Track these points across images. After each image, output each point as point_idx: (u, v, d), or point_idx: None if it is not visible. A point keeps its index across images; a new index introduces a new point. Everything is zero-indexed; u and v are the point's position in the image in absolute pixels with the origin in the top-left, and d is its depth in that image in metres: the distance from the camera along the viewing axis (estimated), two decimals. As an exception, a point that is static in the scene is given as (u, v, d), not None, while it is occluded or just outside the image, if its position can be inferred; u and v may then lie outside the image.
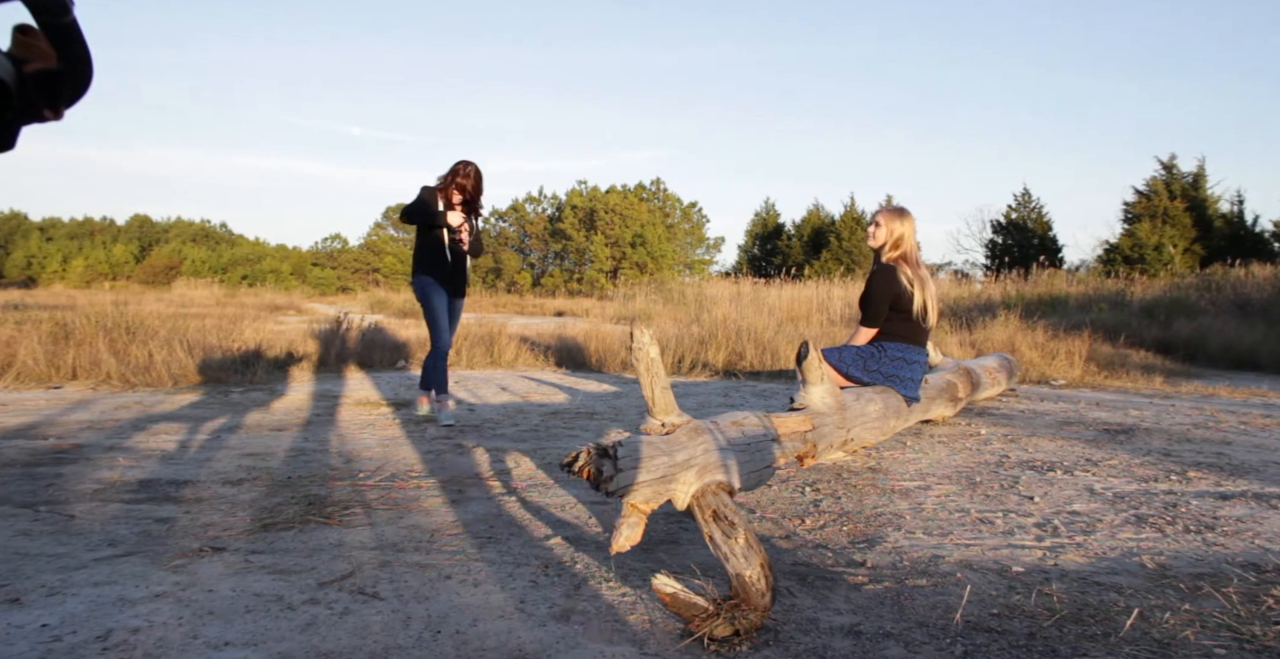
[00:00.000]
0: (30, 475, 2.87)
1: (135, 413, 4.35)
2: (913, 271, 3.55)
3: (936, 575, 1.96)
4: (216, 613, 1.67)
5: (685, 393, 5.56)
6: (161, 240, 48.58)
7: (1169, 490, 2.88)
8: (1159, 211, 20.01)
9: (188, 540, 2.16)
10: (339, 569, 1.94)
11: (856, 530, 2.35)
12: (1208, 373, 7.68)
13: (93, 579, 1.85)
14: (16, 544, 2.11)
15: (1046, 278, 15.12)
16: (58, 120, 0.75)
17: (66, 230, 48.11)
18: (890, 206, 3.61)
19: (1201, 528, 2.39)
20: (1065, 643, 1.57)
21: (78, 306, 10.44)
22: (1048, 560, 2.10)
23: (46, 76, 0.72)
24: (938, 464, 3.32)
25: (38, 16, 0.70)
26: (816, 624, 1.66)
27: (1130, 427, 4.32)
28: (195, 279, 32.02)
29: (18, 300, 15.08)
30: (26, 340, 5.98)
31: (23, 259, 43.50)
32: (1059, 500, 2.72)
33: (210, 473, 2.97)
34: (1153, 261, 18.51)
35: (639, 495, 1.70)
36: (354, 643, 1.54)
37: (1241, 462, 3.39)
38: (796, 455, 2.60)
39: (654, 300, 15.87)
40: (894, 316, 3.55)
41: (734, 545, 1.64)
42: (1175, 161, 21.00)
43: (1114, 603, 1.79)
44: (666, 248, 31.75)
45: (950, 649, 1.54)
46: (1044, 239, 23.42)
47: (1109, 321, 9.90)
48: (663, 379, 1.85)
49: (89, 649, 1.49)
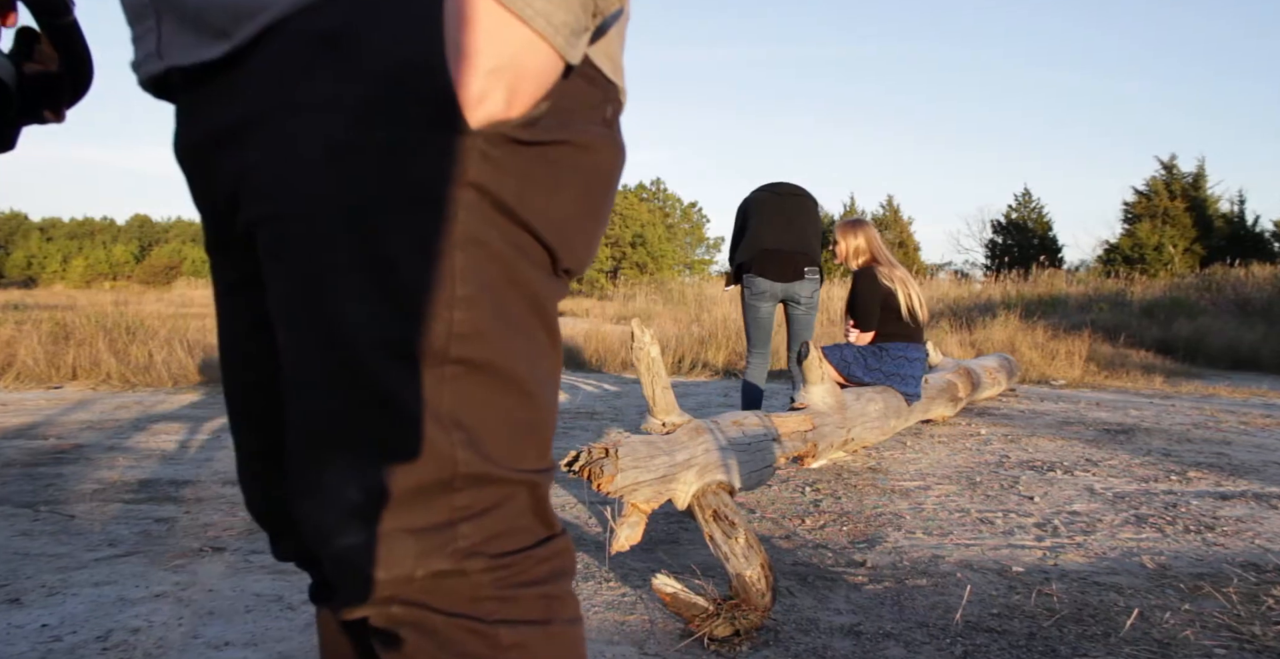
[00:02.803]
0: (30, 475, 2.87)
1: (135, 413, 4.35)
2: (889, 270, 3.60)
3: (936, 575, 1.96)
4: (216, 613, 1.67)
5: (685, 393, 5.56)
6: (161, 240, 48.60)
7: (1169, 490, 2.88)
8: (1159, 211, 20.02)
9: (188, 540, 2.16)
10: (339, 569, 1.94)
11: (856, 530, 2.35)
12: (1208, 373, 7.68)
13: (93, 579, 1.85)
14: (16, 544, 2.11)
15: (1046, 278, 15.11)
16: (58, 122, 0.75)
17: (66, 230, 48.14)
18: (844, 220, 3.79)
19: (1201, 528, 2.39)
20: (1065, 643, 1.57)
21: (78, 307, 10.45)
22: (1048, 560, 2.10)
23: (47, 77, 0.72)
24: (938, 464, 3.32)
25: (38, 17, 0.70)
26: (816, 624, 1.66)
27: (1130, 427, 4.32)
28: (195, 279, 32.07)
29: (18, 300, 15.09)
30: (26, 340, 5.98)
31: (23, 259, 43.53)
32: (1059, 500, 2.72)
33: (210, 473, 2.97)
34: (1153, 261, 18.51)
35: (639, 495, 1.70)
36: (354, 643, 1.54)
37: (1241, 462, 3.40)
38: (797, 455, 2.61)
39: (654, 300, 15.87)
40: (888, 317, 3.57)
41: (734, 545, 1.64)
42: (1175, 161, 21.01)
43: (1114, 603, 1.79)
44: (666, 248, 31.76)
45: (950, 649, 1.54)
46: (1044, 239, 23.43)
47: (1109, 322, 9.90)
48: (663, 378, 1.85)
49: (89, 649, 1.49)
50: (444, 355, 0.52)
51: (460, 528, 0.54)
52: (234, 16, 0.53)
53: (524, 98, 0.50)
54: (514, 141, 0.52)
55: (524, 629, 0.56)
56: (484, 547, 0.55)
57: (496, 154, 0.52)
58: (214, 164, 0.59)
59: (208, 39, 0.55)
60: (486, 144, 0.51)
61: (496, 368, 0.54)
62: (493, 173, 0.52)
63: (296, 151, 0.52)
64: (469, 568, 0.54)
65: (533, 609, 0.56)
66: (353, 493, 0.53)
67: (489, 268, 0.53)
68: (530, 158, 0.54)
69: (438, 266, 0.51)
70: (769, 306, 3.62)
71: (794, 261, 3.51)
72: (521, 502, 0.57)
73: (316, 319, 0.53)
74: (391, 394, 0.52)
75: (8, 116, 0.70)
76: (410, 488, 0.53)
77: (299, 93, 0.52)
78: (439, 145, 0.50)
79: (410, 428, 0.52)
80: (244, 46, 0.54)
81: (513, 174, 0.53)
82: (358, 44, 0.51)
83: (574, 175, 0.57)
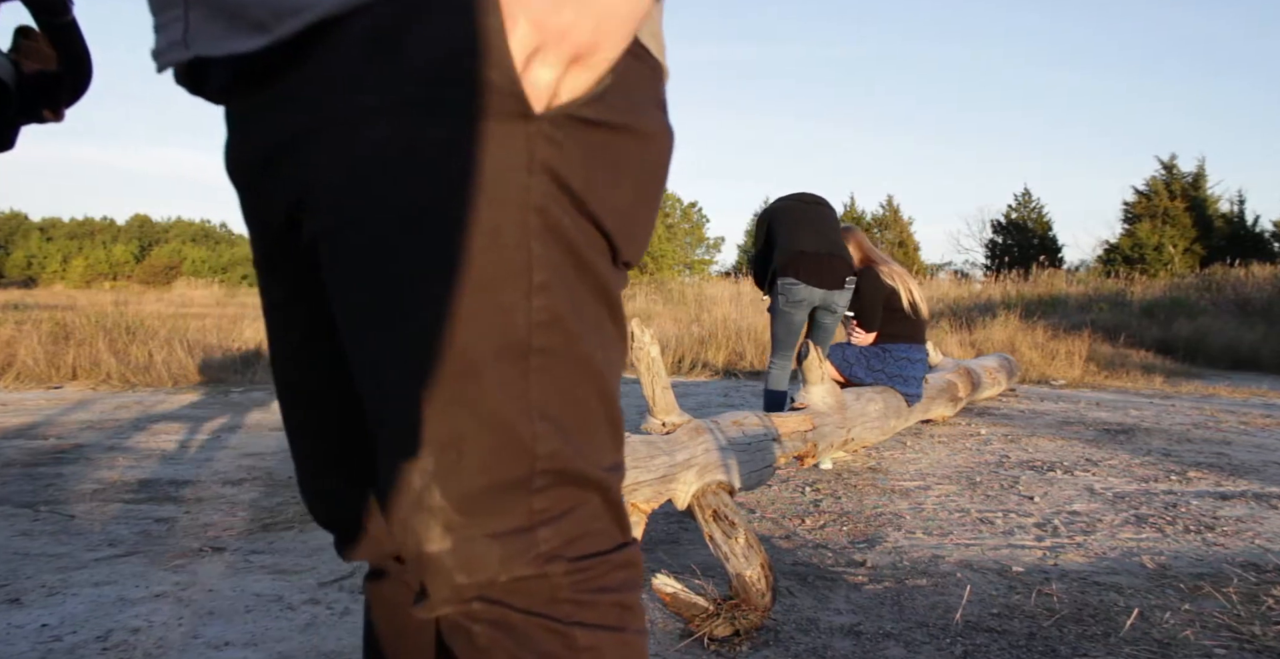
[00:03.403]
0: (30, 475, 2.87)
1: (135, 413, 4.35)
2: (888, 269, 3.60)
3: (936, 575, 1.96)
4: (216, 613, 1.67)
5: (685, 393, 5.56)
6: (161, 240, 48.62)
7: (1169, 490, 2.88)
8: (1159, 211, 20.03)
9: (188, 540, 2.16)
10: (339, 569, 1.94)
11: (856, 530, 2.35)
12: (1208, 373, 7.68)
13: (93, 579, 1.85)
14: (16, 544, 2.11)
15: (1046, 278, 15.11)
16: (58, 121, 0.75)
17: (66, 230, 48.14)
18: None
19: (1201, 528, 2.39)
20: (1065, 643, 1.57)
21: (78, 306, 10.45)
22: (1048, 560, 2.10)
23: (46, 77, 0.72)
24: (938, 464, 3.32)
25: (37, 16, 0.71)
26: (816, 624, 1.66)
27: (1130, 427, 4.32)
28: (195, 279, 32.07)
29: (18, 300, 15.08)
30: (26, 340, 5.98)
31: (23, 259, 43.53)
32: (1059, 500, 2.72)
33: (210, 473, 2.97)
34: (1153, 261, 18.52)
35: (639, 495, 1.70)
36: (354, 643, 1.54)
37: (1241, 462, 3.40)
38: (797, 455, 2.61)
39: (654, 300, 15.86)
40: (890, 317, 3.57)
41: (734, 545, 1.64)
42: (1175, 161, 21.04)
43: (1114, 603, 1.79)
44: (666, 248, 31.75)
45: (950, 649, 1.54)
46: (1044, 239, 23.44)
47: (1109, 322, 9.90)
48: (663, 378, 1.85)
49: (89, 649, 1.49)
50: (526, 345, 0.52)
51: (540, 532, 0.54)
52: (275, 11, 0.52)
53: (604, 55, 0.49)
54: (579, 121, 0.51)
55: (599, 633, 0.56)
56: (563, 550, 0.55)
57: (561, 137, 0.51)
58: (270, 179, 0.58)
59: (243, 31, 0.53)
60: (552, 127, 0.50)
61: (576, 356, 0.54)
62: (560, 157, 0.51)
63: (363, 157, 0.51)
64: (550, 572, 0.54)
65: (608, 615, 0.56)
66: (435, 495, 0.52)
67: (562, 256, 0.53)
68: (594, 142, 0.53)
69: (515, 257, 0.51)
70: (804, 314, 3.50)
71: (833, 266, 3.40)
72: (597, 504, 0.57)
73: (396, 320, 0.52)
74: (477, 389, 0.51)
75: (7, 116, 0.70)
76: (493, 486, 0.52)
77: (357, 97, 0.51)
78: (503, 133, 0.49)
79: (495, 423, 0.52)
80: (286, 44, 0.53)
81: (579, 159, 0.52)
82: (409, 41, 0.50)
83: (634, 162, 0.56)
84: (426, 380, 0.51)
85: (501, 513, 0.53)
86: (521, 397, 0.52)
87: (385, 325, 0.53)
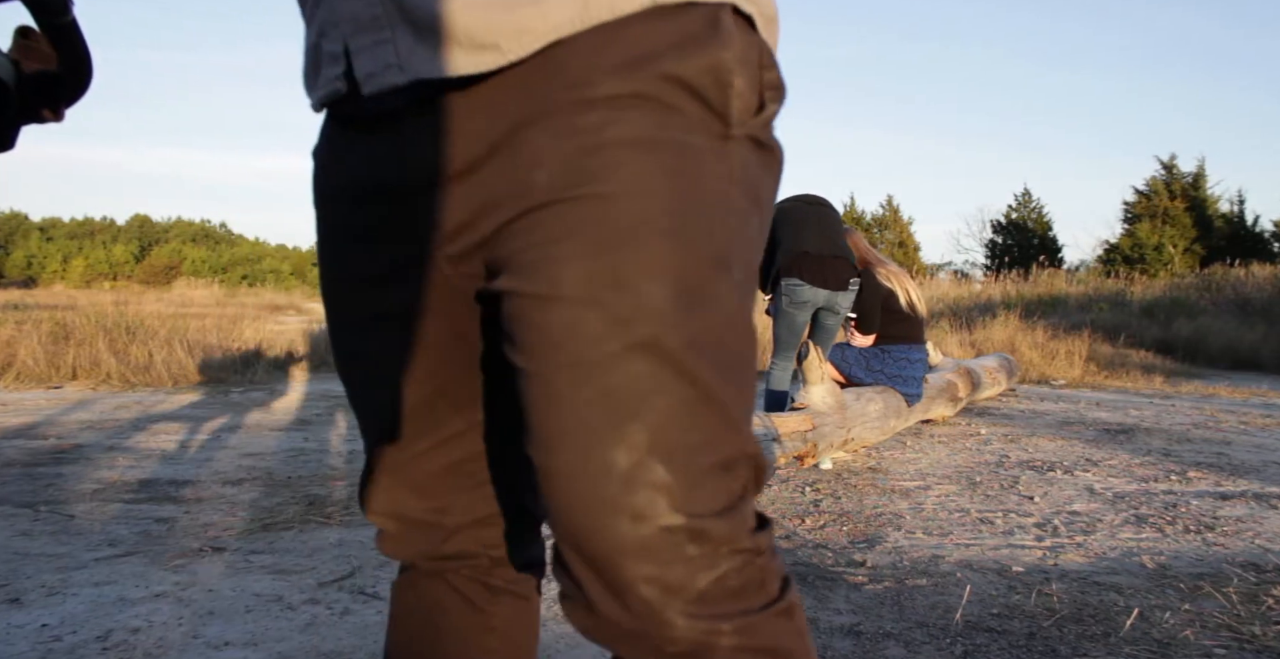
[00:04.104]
0: (30, 475, 2.87)
1: (135, 413, 4.35)
2: (885, 270, 3.59)
3: (936, 575, 1.96)
4: (216, 613, 1.67)
5: (685, 393, 5.55)
6: (161, 240, 48.64)
7: (1169, 490, 2.88)
8: (1159, 211, 20.02)
9: (188, 540, 2.16)
10: (339, 569, 1.94)
11: (856, 530, 2.35)
12: (1208, 373, 7.68)
13: (93, 579, 1.85)
14: (16, 544, 2.11)
15: (1046, 278, 15.11)
16: (58, 121, 0.75)
17: (66, 230, 48.15)
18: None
19: (1201, 528, 2.39)
20: (1065, 643, 1.57)
21: (78, 306, 10.44)
22: (1048, 560, 2.10)
23: (46, 77, 0.72)
24: (938, 464, 3.32)
25: (37, 16, 0.70)
26: (816, 624, 1.66)
27: (1130, 427, 4.32)
28: (195, 279, 32.07)
29: (18, 300, 15.08)
30: (26, 340, 5.98)
31: (23, 259, 43.55)
32: (1059, 500, 2.72)
33: (210, 473, 2.97)
34: (1153, 261, 18.52)
35: (639, 495, 1.70)
36: (354, 643, 1.54)
37: (1241, 462, 3.40)
38: (797, 455, 2.61)
39: (654, 300, 15.84)
40: (889, 319, 3.57)
41: (734, 545, 1.64)
42: (1175, 161, 21.03)
43: (1114, 603, 1.79)
44: (666, 248, 31.71)
45: (950, 649, 1.54)
46: (1044, 239, 23.43)
47: (1109, 322, 9.90)
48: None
49: (89, 649, 1.49)
50: (721, 342, 0.55)
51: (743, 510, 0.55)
52: (502, 31, 0.53)
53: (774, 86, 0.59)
54: (755, 142, 0.58)
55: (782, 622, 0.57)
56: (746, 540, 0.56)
57: (746, 153, 0.57)
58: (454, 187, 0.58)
59: (466, 51, 0.54)
60: (744, 148, 0.57)
61: (744, 347, 0.58)
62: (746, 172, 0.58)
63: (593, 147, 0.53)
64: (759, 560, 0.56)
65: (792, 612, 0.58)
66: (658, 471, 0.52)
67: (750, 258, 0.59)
68: (763, 160, 0.60)
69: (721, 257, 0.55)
70: (807, 315, 3.49)
71: (836, 268, 3.38)
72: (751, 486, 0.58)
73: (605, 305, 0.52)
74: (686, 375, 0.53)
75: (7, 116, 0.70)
76: (701, 470, 0.53)
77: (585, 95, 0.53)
78: (717, 149, 0.55)
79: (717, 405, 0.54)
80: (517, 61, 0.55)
81: (758, 174, 0.59)
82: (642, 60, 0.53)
83: (777, 177, 0.63)
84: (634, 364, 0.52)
85: (719, 492, 0.54)
86: (719, 381, 0.54)
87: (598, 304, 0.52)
